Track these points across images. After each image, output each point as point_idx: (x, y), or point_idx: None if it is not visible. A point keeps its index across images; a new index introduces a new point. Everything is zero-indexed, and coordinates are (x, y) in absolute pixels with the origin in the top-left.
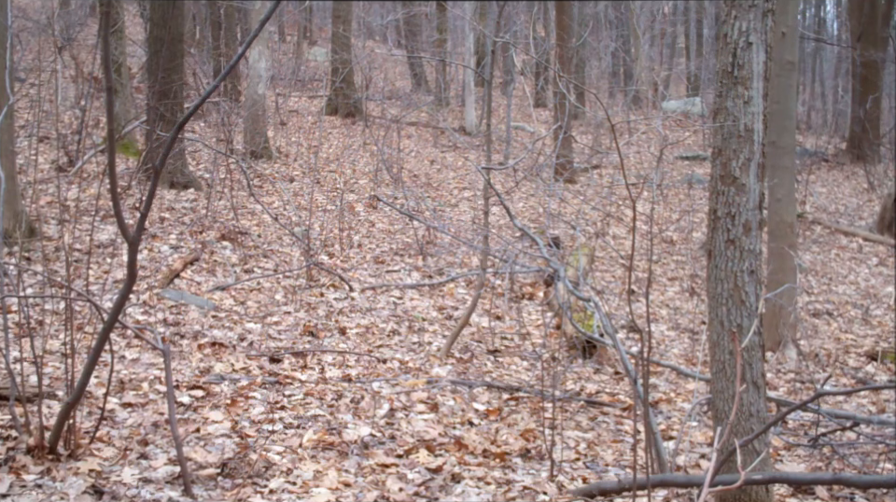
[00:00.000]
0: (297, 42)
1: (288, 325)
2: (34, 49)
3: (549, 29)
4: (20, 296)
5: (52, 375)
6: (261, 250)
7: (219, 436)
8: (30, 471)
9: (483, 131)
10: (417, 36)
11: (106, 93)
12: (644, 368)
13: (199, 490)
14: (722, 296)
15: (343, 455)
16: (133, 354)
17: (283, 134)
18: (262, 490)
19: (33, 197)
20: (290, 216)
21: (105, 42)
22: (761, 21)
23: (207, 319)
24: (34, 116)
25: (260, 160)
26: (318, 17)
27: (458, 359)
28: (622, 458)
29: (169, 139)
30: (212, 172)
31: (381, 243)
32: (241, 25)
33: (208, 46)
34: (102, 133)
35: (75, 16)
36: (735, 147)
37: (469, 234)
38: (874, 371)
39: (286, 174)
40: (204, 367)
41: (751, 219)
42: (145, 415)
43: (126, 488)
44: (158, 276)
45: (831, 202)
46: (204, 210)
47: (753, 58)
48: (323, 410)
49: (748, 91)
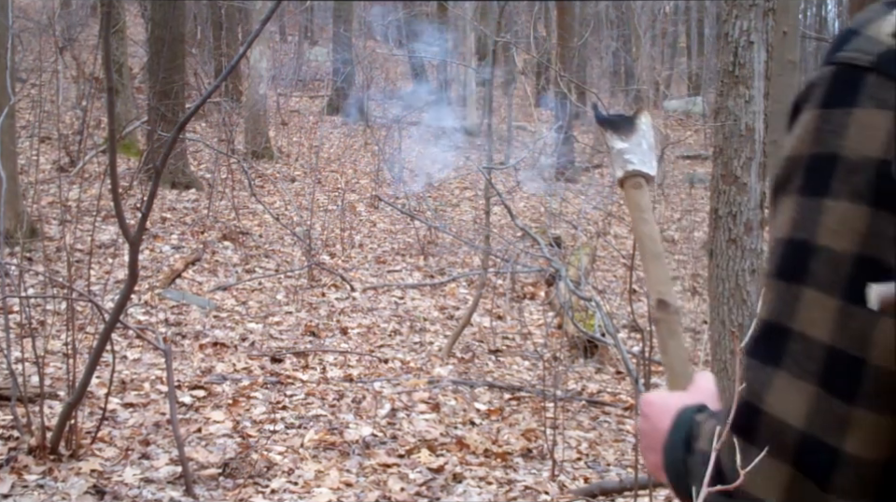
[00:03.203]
0: (298, 42)
1: (290, 325)
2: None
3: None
4: (21, 296)
5: (54, 375)
6: (263, 250)
7: (221, 436)
8: (31, 471)
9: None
10: (418, 36)
11: (107, 94)
12: (645, 367)
13: (200, 490)
14: (724, 295)
15: (345, 455)
16: (135, 354)
17: (284, 134)
18: (264, 490)
19: (34, 197)
20: (292, 215)
21: (106, 42)
22: (762, 21)
23: (209, 319)
24: (35, 116)
25: (262, 160)
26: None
27: (460, 359)
28: (623, 458)
29: (170, 139)
30: (213, 172)
31: (382, 242)
32: (242, 25)
33: (209, 46)
34: (103, 134)
35: (76, 16)
36: (736, 147)
37: (470, 234)
38: None
39: (287, 174)
40: (206, 367)
41: (753, 218)
42: (146, 415)
43: (127, 488)
44: (159, 276)
45: None
46: (206, 210)
47: (754, 57)
48: (324, 410)
49: (749, 91)
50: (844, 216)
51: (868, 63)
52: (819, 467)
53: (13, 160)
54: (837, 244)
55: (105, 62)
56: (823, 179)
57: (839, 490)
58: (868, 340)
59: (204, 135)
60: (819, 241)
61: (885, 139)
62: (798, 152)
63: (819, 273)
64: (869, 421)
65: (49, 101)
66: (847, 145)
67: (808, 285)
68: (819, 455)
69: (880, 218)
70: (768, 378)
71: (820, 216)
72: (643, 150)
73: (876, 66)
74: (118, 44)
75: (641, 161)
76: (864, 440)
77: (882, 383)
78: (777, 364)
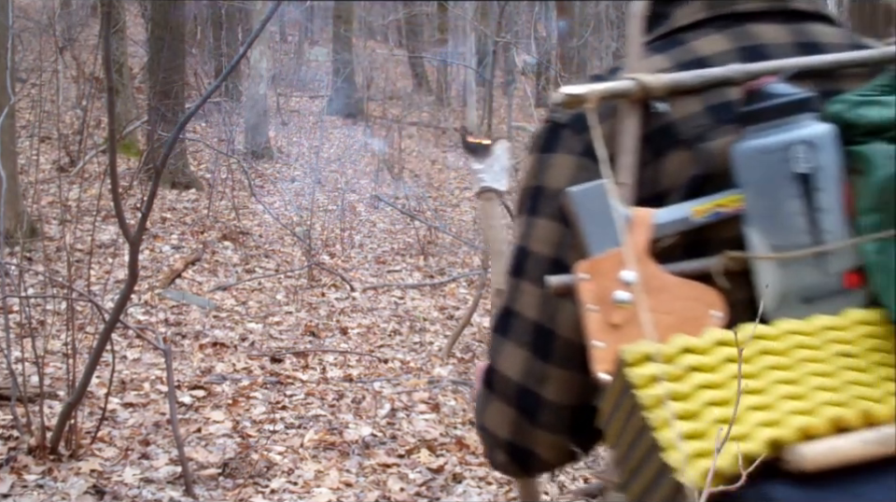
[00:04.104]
0: (298, 42)
1: (290, 325)
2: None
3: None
4: (21, 296)
5: (53, 375)
6: (263, 250)
7: (221, 436)
8: (31, 471)
9: (485, 131)
10: (419, 36)
11: (108, 93)
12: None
13: (200, 490)
14: None
15: (345, 455)
16: (135, 354)
17: (284, 134)
18: (263, 490)
19: (34, 197)
20: (291, 215)
21: (107, 42)
22: None
23: (209, 319)
24: (35, 116)
25: (262, 160)
26: (320, 17)
27: (460, 359)
28: None
29: (170, 139)
30: (213, 172)
31: (382, 242)
32: (242, 25)
33: (209, 46)
34: (103, 134)
35: (76, 16)
36: None
37: (470, 234)
38: None
39: (287, 174)
40: (206, 367)
41: None
42: (146, 415)
43: (127, 488)
44: (159, 276)
45: None
46: (206, 210)
47: None
48: (324, 410)
49: None
50: (545, 230)
51: (565, 121)
52: (530, 408)
53: (13, 159)
54: (541, 250)
55: (105, 62)
56: (535, 204)
57: (544, 425)
58: (557, 318)
59: (204, 135)
60: (532, 247)
61: (569, 174)
62: (525, 184)
63: (531, 271)
64: (560, 375)
65: (49, 101)
66: (548, 179)
67: (525, 279)
68: (529, 400)
69: (565, 232)
70: (500, 346)
71: (533, 230)
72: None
73: (569, 124)
74: (118, 44)
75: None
76: (558, 390)
77: (567, 348)
78: (505, 336)
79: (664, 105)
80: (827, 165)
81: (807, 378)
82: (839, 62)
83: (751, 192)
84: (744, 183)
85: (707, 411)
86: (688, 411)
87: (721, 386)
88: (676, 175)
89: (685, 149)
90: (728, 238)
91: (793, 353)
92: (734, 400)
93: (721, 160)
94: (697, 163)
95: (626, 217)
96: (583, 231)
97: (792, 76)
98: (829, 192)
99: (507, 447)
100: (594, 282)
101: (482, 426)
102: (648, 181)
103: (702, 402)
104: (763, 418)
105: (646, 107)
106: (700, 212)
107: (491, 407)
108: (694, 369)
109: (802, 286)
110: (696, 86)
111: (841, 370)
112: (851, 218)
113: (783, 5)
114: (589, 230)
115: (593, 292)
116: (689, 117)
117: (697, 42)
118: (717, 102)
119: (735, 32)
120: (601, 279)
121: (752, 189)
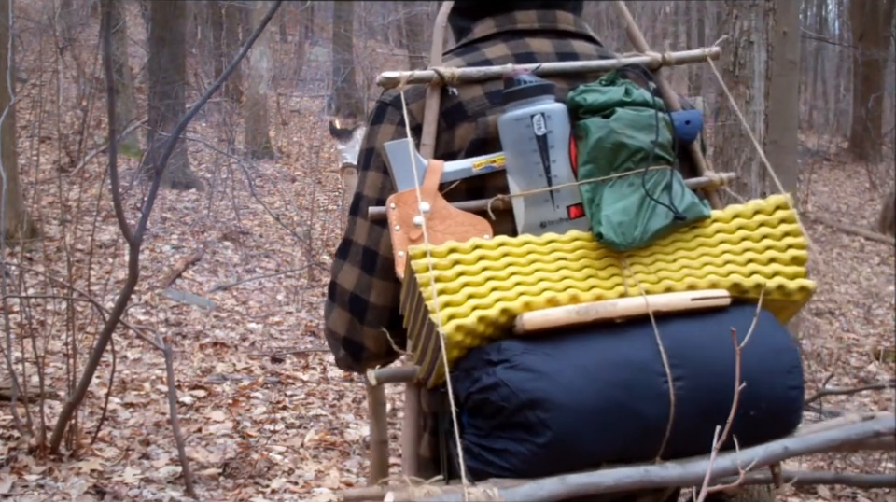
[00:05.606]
0: (298, 42)
1: (290, 325)
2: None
3: None
4: (21, 296)
5: (54, 375)
6: (263, 250)
7: (221, 436)
8: (32, 471)
9: None
10: (419, 36)
11: (108, 94)
12: None
13: (201, 490)
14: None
15: (345, 455)
16: (135, 354)
17: (284, 134)
18: (264, 490)
19: (34, 197)
20: (292, 215)
21: (107, 42)
22: (762, 21)
23: (209, 319)
24: (35, 116)
25: (262, 160)
26: (320, 17)
27: None
28: None
29: (171, 139)
30: (213, 172)
31: None
32: (242, 25)
33: (209, 46)
34: (103, 134)
35: (76, 16)
36: (736, 147)
37: None
38: (875, 371)
39: (287, 174)
40: (206, 367)
41: None
42: (146, 415)
43: (128, 488)
44: (159, 276)
45: (832, 202)
46: (206, 210)
47: (755, 57)
48: (325, 409)
49: (749, 91)
50: (373, 179)
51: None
52: (359, 310)
53: (13, 160)
54: (370, 194)
55: (105, 62)
56: (367, 161)
57: (370, 322)
58: (380, 242)
59: (204, 135)
60: (364, 192)
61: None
62: (361, 147)
63: (363, 209)
64: (381, 285)
65: (50, 101)
66: (376, 142)
67: (359, 216)
68: (359, 305)
69: (386, 180)
70: (340, 266)
71: (365, 179)
72: (355, 151)
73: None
74: (118, 44)
75: (353, 157)
76: (379, 295)
77: (385, 263)
78: (345, 259)
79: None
80: (557, 130)
81: (534, 272)
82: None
83: (510, 151)
84: (505, 144)
85: (463, 290)
86: (448, 288)
87: (474, 274)
88: (463, 140)
89: (470, 122)
90: (498, 186)
91: (527, 257)
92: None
93: (493, 128)
94: (477, 131)
95: (424, 166)
96: (393, 174)
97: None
98: (558, 150)
99: (344, 342)
100: (399, 210)
101: (327, 328)
102: (444, 144)
103: (459, 284)
104: (500, 295)
105: (444, 92)
106: (478, 166)
107: (333, 312)
108: (457, 263)
109: (541, 217)
110: (479, 77)
111: (559, 269)
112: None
113: (553, 25)
114: (397, 173)
115: (398, 217)
116: (473, 99)
117: (487, 49)
118: (493, 89)
119: (514, 43)
120: (404, 208)
121: (510, 148)
